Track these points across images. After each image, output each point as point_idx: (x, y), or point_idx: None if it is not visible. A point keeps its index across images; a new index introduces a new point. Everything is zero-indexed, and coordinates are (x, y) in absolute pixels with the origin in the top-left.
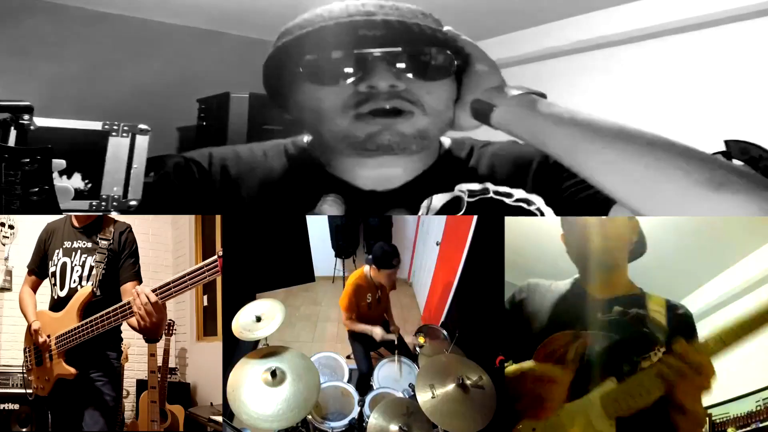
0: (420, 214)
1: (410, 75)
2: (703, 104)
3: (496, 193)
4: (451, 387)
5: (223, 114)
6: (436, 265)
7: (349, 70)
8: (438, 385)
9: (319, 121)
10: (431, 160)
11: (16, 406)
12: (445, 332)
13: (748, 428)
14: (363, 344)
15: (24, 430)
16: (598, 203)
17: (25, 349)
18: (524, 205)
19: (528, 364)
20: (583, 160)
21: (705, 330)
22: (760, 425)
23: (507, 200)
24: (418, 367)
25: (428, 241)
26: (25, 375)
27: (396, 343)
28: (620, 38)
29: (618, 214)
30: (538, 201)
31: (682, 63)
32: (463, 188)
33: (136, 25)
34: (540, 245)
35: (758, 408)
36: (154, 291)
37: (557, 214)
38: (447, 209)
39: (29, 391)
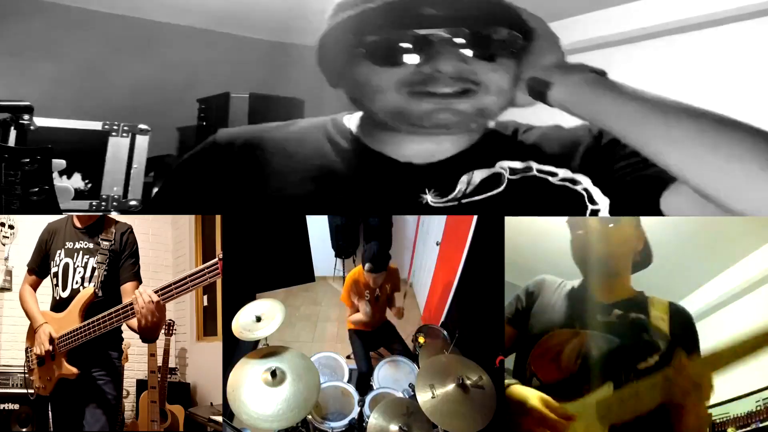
0: (459, 189)
1: (475, 56)
2: (703, 104)
3: (540, 171)
4: (451, 387)
5: (223, 114)
6: (436, 265)
7: (409, 51)
8: (438, 385)
9: (371, 96)
10: (475, 138)
11: (16, 406)
12: (445, 332)
13: (748, 428)
14: (363, 343)
15: (24, 430)
16: (650, 184)
17: (26, 348)
18: (569, 185)
19: (534, 399)
20: (648, 138)
21: (706, 340)
22: (760, 425)
23: (551, 179)
24: (418, 367)
25: (428, 241)
26: (27, 375)
27: (398, 344)
28: (620, 38)
29: (673, 197)
30: (585, 181)
31: (681, 63)
32: (505, 165)
33: (136, 25)
34: (540, 245)
35: (758, 408)
36: (156, 292)
37: (605, 194)
38: (486, 185)
39: (30, 391)
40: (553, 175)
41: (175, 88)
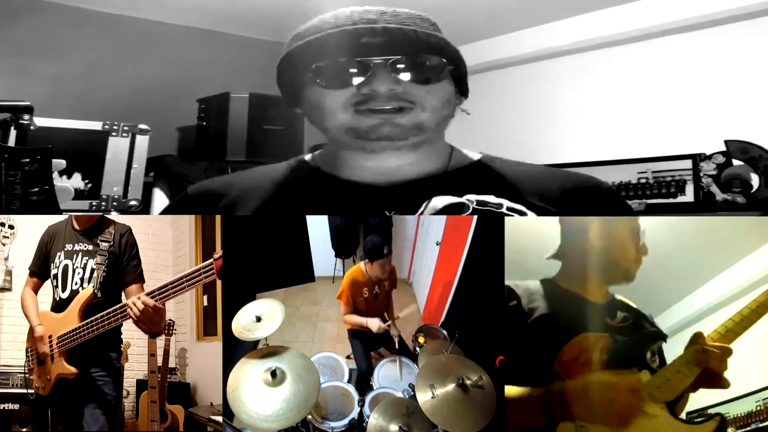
0: (419, 212)
1: (408, 79)
2: (703, 104)
3: (510, 209)
4: (451, 387)
5: (223, 114)
6: (436, 265)
7: (353, 75)
8: (438, 385)
9: (324, 116)
10: (439, 164)
11: (16, 406)
12: (445, 332)
13: (748, 428)
14: (363, 343)
15: (24, 430)
16: None
17: (27, 349)
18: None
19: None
20: None
21: (712, 326)
22: (760, 425)
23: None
24: (418, 367)
25: (428, 241)
26: (27, 375)
27: (396, 344)
28: (620, 38)
29: None
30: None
31: (682, 63)
32: (472, 198)
33: (136, 25)
34: (540, 245)
35: (758, 408)
36: (152, 292)
37: None
38: (448, 212)
39: (30, 391)
40: (522, 214)
41: (175, 88)
